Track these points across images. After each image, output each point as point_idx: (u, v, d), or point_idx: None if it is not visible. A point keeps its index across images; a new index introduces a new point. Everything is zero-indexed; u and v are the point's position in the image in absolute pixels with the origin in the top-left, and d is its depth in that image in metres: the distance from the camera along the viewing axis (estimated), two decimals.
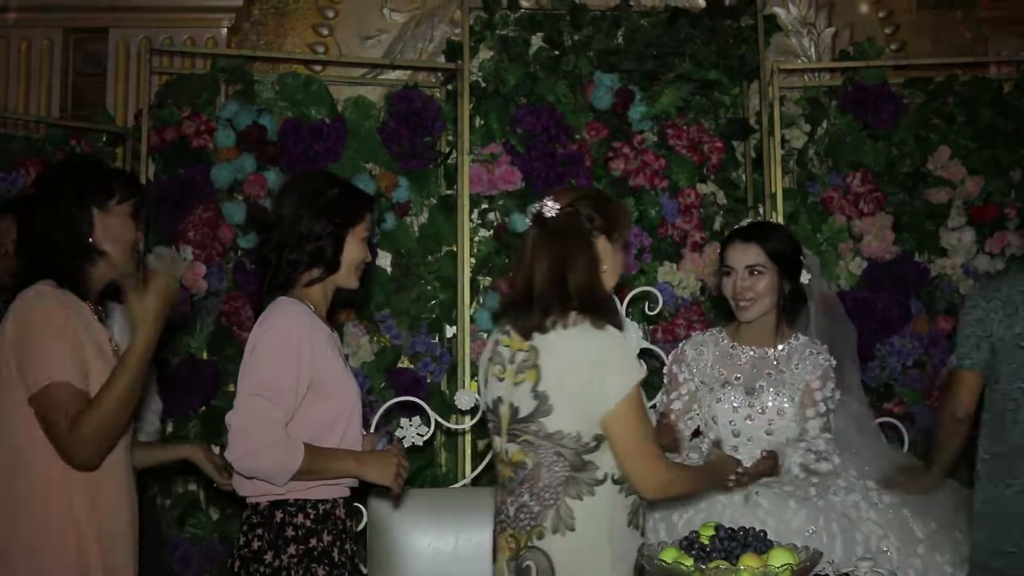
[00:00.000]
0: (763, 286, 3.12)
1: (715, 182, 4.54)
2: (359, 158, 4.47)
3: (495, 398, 2.58)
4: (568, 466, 2.45)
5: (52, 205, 2.55)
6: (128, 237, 2.60)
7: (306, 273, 2.67)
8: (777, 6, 5.11)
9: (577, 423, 2.44)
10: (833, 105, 4.59)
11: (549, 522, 2.45)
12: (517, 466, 2.50)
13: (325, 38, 5.12)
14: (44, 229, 2.54)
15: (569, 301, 2.47)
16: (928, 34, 5.22)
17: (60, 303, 2.46)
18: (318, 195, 2.69)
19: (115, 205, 2.58)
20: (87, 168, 2.74)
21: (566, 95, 4.49)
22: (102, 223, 2.56)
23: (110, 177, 2.64)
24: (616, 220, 2.60)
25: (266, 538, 2.58)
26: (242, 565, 2.59)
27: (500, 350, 2.59)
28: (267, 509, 2.60)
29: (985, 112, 4.50)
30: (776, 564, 2.00)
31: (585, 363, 2.44)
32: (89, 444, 2.39)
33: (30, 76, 5.05)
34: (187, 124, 4.35)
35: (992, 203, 4.45)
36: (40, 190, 2.63)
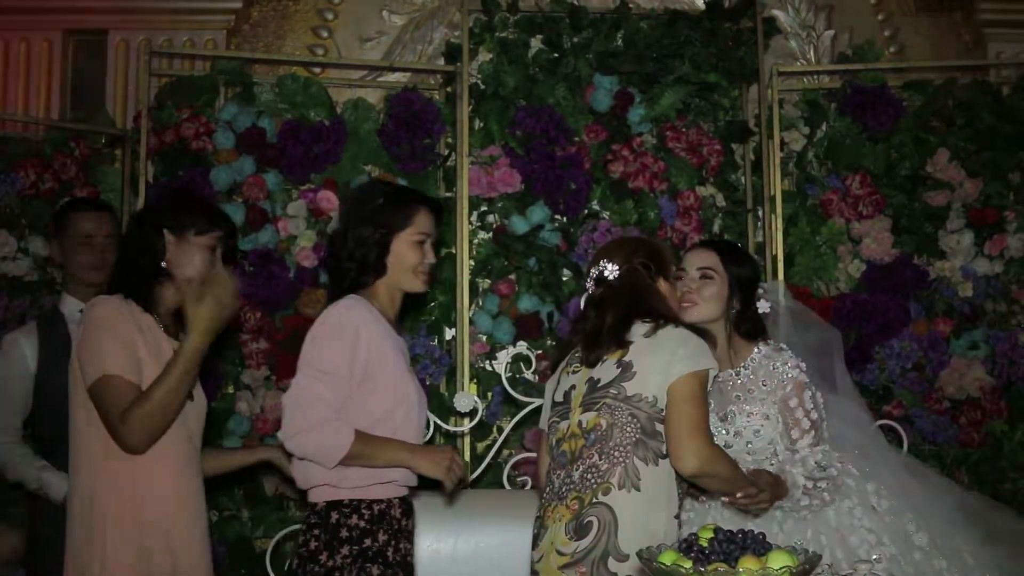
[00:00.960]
0: (711, 291, 3.06)
1: (714, 184, 4.55)
2: (358, 160, 4.47)
3: (567, 389, 2.76)
4: (640, 429, 2.62)
5: (139, 228, 2.83)
6: (198, 267, 2.77)
7: (362, 278, 2.82)
8: (776, 9, 5.11)
9: (655, 388, 2.64)
10: (832, 108, 4.59)
11: (616, 478, 2.60)
12: (590, 431, 2.65)
13: (324, 40, 5.12)
14: (127, 247, 2.84)
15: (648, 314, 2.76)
16: (927, 37, 5.22)
17: (119, 311, 2.69)
18: (363, 203, 2.86)
19: (193, 236, 2.79)
20: (181, 199, 3.09)
21: (565, 97, 4.50)
22: (176, 250, 2.78)
23: (196, 209, 2.85)
24: (664, 261, 2.89)
25: (322, 539, 2.68)
26: (299, 564, 2.70)
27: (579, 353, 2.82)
28: (324, 510, 2.71)
29: (984, 115, 4.50)
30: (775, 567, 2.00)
31: (670, 343, 2.67)
32: (137, 433, 2.58)
33: (29, 77, 5.04)
34: (186, 126, 4.35)
35: (991, 206, 4.45)
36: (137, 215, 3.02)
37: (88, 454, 2.66)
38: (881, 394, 4.33)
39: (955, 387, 4.31)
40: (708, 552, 2.08)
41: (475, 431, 4.12)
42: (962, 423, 4.31)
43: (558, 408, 2.78)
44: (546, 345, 4.36)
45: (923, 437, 4.32)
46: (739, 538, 2.10)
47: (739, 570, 2.01)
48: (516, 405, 3.98)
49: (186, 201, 2.98)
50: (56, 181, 4.43)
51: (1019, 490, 4.28)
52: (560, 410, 2.77)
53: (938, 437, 4.31)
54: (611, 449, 2.61)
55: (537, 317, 4.35)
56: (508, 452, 4.22)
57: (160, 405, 2.59)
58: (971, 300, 4.41)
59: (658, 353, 2.65)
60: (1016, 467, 4.37)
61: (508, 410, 4.25)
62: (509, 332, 4.33)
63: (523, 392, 3.93)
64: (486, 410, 4.17)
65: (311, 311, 4.28)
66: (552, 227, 4.39)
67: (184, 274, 2.76)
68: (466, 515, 3.44)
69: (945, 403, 4.33)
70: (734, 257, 3.14)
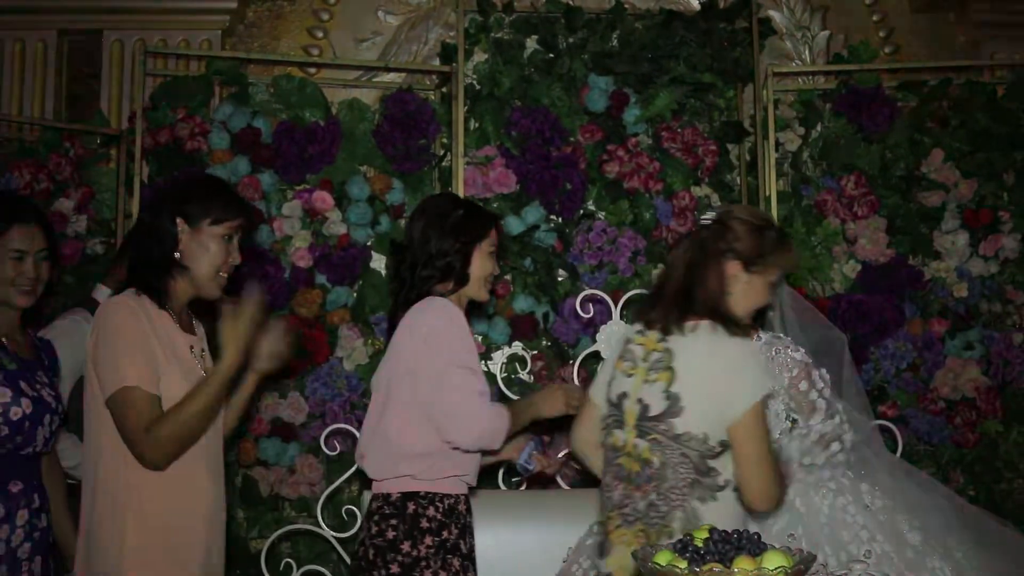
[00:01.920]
0: None
1: (709, 185, 4.55)
2: (353, 160, 4.47)
3: (620, 393, 2.65)
4: (693, 469, 2.50)
5: (153, 216, 2.66)
6: (215, 259, 2.64)
7: (439, 286, 2.86)
8: (772, 9, 5.11)
9: (706, 426, 2.49)
10: (827, 108, 4.60)
11: (677, 523, 2.49)
12: (646, 463, 2.55)
13: (320, 40, 5.11)
14: (140, 238, 2.70)
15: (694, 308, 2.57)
16: (922, 38, 5.23)
17: (133, 312, 2.55)
18: (444, 216, 2.90)
19: (208, 225, 2.63)
20: (195, 184, 2.83)
21: (561, 98, 4.49)
22: (190, 240, 2.62)
23: (212, 196, 2.68)
24: (762, 253, 2.67)
25: (401, 528, 2.72)
26: (377, 553, 2.72)
27: (632, 348, 2.67)
28: (399, 500, 2.75)
29: (979, 116, 4.52)
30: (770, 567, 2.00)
31: (719, 369, 2.51)
32: (162, 448, 2.49)
33: (24, 78, 5.03)
34: (181, 126, 4.34)
35: (986, 206, 4.46)
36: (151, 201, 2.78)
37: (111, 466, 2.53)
38: (876, 394, 4.33)
39: (950, 387, 4.32)
40: (703, 552, 2.08)
41: None
42: (957, 423, 4.32)
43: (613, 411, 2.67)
44: (541, 345, 4.36)
45: (918, 437, 4.32)
46: (734, 538, 2.10)
47: (734, 570, 2.01)
48: None
49: (201, 186, 2.77)
50: (51, 181, 4.43)
51: (1014, 490, 4.29)
52: (615, 415, 2.66)
53: (933, 437, 4.32)
54: (667, 491, 2.52)
55: (532, 317, 4.35)
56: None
57: (188, 427, 2.51)
58: (966, 300, 4.42)
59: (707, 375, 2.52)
60: (1011, 467, 4.38)
61: None
62: (504, 332, 4.33)
63: (518, 392, 3.93)
64: None
65: (306, 311, 4.28)
66: (547, 227, 4.39)
67: (199, 267, 2.63)
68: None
69: (940, 403, 4.34)
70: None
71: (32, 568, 2.70)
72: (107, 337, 2.52)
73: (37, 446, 2.73)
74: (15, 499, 2.67)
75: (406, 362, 2.78)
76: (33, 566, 2.72)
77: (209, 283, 2.66)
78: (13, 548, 2.65)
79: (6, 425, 2.64)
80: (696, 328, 2.55)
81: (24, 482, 2.70)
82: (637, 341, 2.66)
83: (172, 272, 2.62)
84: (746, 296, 2.67)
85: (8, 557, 2.65)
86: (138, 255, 2.67)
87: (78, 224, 4.43)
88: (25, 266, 2.73)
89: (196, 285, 2.65)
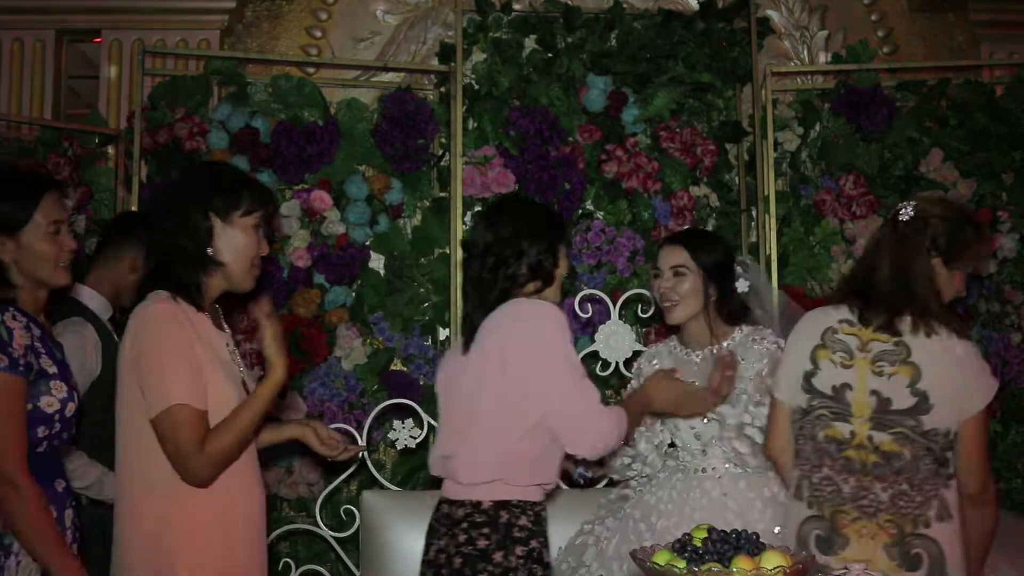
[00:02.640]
0: (686, 288, 3.10)
1: (708, 185, 4.55)
2: (352, 160, 4.47)
3: (838, 384, 2.67)
4: (934, 460, 2.60)
5: (179, 211, 2.51)
6: (248, 251, 2.56)
7: (523, 288, 2.77)
8: (770, 9, 5.11)
9: (950, 422, 2.61)
10: (826, 108, 4.60)
11: (934, 512, 2.59)
12: (890, 455, 2.61)
13: (318, 40, 5.11)
14: (170, 234, 2.51)
15: (910, 303, 2.63)
16: (921, 37, 5.23)
17: (176, 320, 2.43)
18: (533, 216, 2.84)
19: (239, 217, 2.54)
20: (217, 175, 2.66)
21: (559, 97, 4.50)
22: (222, 234, 2.52)
23: (239, 187, 2.57)
24: (962, 250, 2.72)
25: (493, 538, 2.63)
26: (465, 563, 2.63)
27: (842, 337, 2.69)
28: (492, 509, 2.66)
29: (978, 115, 4.51)
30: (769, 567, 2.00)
31: (962, 369, 2.62)
32: (211, 465, 2.41)
33: (23, 78, 5.04)
34: (180, 126, 4.34)
35: (984, 206, 4.47)
36: (170, 194, 2.58)
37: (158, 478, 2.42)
38: None
39: None
40: (702, 552, 2.08)
41: None
42: None
43: (827, 402, 2.67)
44: None
45: None
46: (733, 538, 2.10)
47: (733, 570, 2.01)
48: None
49: (225, 178, 2.64)
50: None
51: (1012, 489, 4.29)
52: (832, 406, 2.67)
53: None
54: (921, 481, 2.59)
55: None
56: None
57: (238, 443, 2.44)
58: (965, 301, 4.41)
59: (952, 374, 2.61)
60: (1009, 467, 4.38)
61: None
62: None
63: None
64: None
65: (304, 311, 4.28)
66: None
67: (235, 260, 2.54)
68: None
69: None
70: (702, 248, 3.15)
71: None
72: (151, 349, 2.40)
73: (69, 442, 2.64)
74: (61, 499, 2.53)
75: (511, 364, 2.64)
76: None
77: (245, 276, 2.59)
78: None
79: (60, 422, 2.49)
80: (925, 326, 2.63)
81: (65, 480, 2.58)
82: (846, 331, 2.69)
83: (207, 269, 2.52)
84: (946, 290, 2.73)
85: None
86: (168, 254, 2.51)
87: (77, 224, 4.43)
88: (63, 238, 2.57)
89: (231, 280, 2.57)
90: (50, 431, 2.46)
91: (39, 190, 2.55)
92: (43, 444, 2.47)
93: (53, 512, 2.44)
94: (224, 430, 2.41)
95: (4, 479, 2.34)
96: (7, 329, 2.39)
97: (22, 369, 2.38)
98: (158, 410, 2.37)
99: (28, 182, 2.59)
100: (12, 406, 2.37)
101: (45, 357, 2.47)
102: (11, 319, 2.41)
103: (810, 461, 2.68)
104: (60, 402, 2.47)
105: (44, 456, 2.48)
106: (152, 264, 2.55)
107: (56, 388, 2.47)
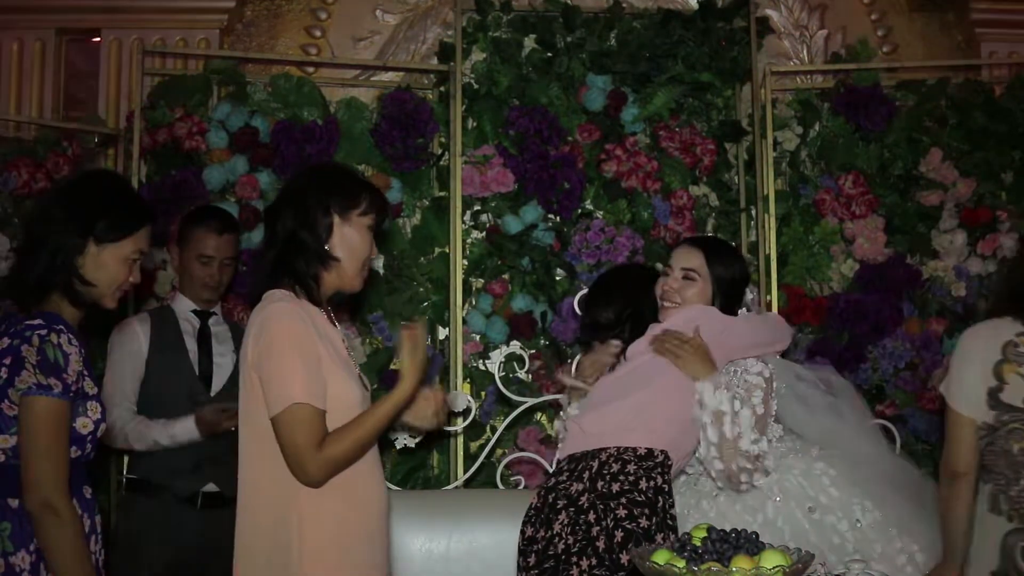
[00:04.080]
0: (691, 293, 3.04)
1: (707, 184, 4.55)
2: (351, 160, 4.47)
3: None
4: None
5: (300, 207, 2.54)
6: (362, 250, 2.59)
7: None
8: (769, 8, 5.10)
9: None
10: (825, 107, 4.60)
11: None
12: None
13: (317, 40, 5.11)
14: (291, 229, 2.54)
15: None
16: (920, 37, 5.22)
17: (299, 318, 2.46)
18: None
19: (357, 216, 2.57)
20: (338, 174, 2.72)
21: (559, 97, 4.50)
22: (340, 231, 2.55)
23: (359, 187, 2.62)
24: None
25: (655, 520, 2.75)
26: (626, 537, 2.72)
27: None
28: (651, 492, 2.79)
29: (977, 115, 4.51)
30: (768, 566, 2.00)
31: None
32: (326, 468, 2.41)
33: (22, 77, 5.03)
34: (179, 125, 4.35)
35: (984, 205, 4.47)
36: (290, 192, 2.62)
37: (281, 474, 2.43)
38: (874, 394, 4.34)
39: None
40: (701, 551, 2.08)
41: (468, 431, 4.11)
42: None
43: (1019, 415, 2.70)
44: (539, 345, 4.36)
45: (916, 436, 4.32)
46: (732, 537, 2.10)
47: (732, 569, 2.01)
48: (509, 404, 3.98)
49: (345, 176, 2.71)
50: (49, 181, 4.41)
51: None
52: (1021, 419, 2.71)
53: (931, 436, 4.32)
54: None
55: (530, 317, 4.35)
56: (501, 452, 4.22)
57: (357, 448, 2.45)
58: (964, 300, 4.42)
59: None
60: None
61: (501, 410, 4.25)
62: (502, 331, 4.33)
63: (516, 392, 3.93)
64: (479, 409, 4.17)
65: None
66: (545, 227, 4.39)
67: (350, 259, 2.56)
68: (459, 515, 3.43)
69: (938, 402, 4.33)
70: (720, 258, 3.09)
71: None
72: (274, 348, 2.42)
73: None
74: (90, 505, 2.56)
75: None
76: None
77: (356, 276, 2.61)
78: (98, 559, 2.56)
79: (91, 442, 2.51)
80: None
81: (91, 487, 2.62)
82: None
83: (327, 264, 2.55)
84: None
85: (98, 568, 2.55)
86: (288, 248, 2.54)
87: None
88: (134, 270, 2.62)
89: (343, 278, 2.59)
90: (81, 451, 2.49)
91: (141, 220, 2.59)
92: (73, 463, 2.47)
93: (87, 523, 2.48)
94: (345, 436, 2.43)
95: (45, 504, 2.36)
96: (63, 354, 2.40)
97: (72, 395, 2.41)
98: (279, 408, 2.39)
99: (136, 208, 2.63)
100: (59, 433, 2.39)
101: (88, 380, 2.49)
102: (67, 343, 2.42)
103: (1005, 475, 2.69)
104: (94, 423, 2.50)
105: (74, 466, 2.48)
106: (271, 258, 2.57)
107: (92, 409, 2.49)
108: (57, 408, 2.37)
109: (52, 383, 2.35)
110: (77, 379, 2.42)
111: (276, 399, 2.40)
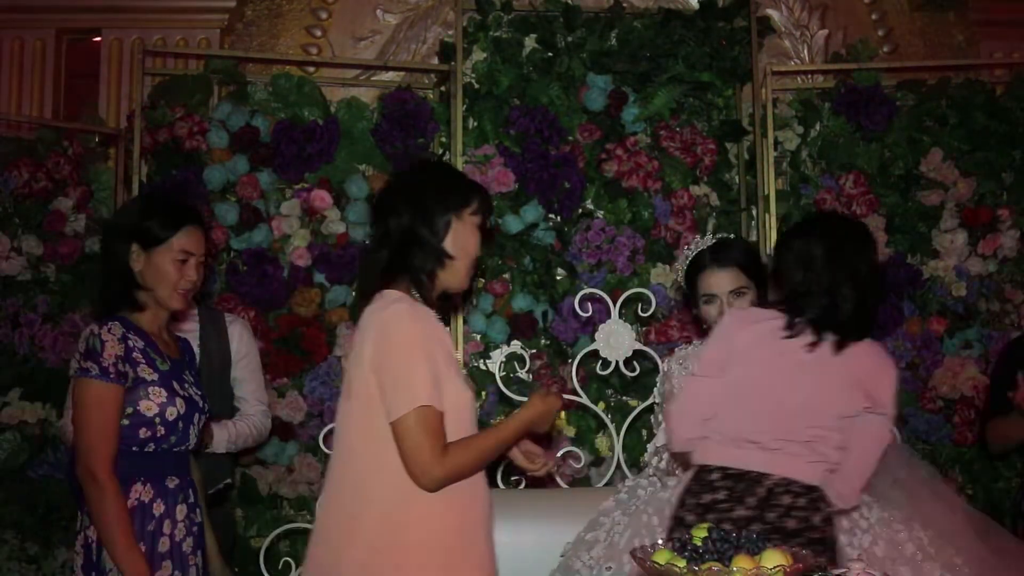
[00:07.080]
0: (746, 303, 3.16)
1: (708, 184, 4.55)
2: (352, 159, 4.47)
3: None
4: None
5: (419, 204, 2.52)
6: (473, 248, 2.58)
7: None
8: (770, 8, 5.10)
9: None
10: (826, 107, 4.60)
11: None
12: None
13: (318, 39, 5.11)
14: (408, 226, 2.51)
15: None
16: (921, 36, 5.22)
17: (417, 319, 2.43)
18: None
19: (469, 215, 2.56)
20: (451, 172, 2.76)
21: (559, 97, 4.49)
22: (455, 230, 2.53)
23: (469, 186, 2.61)
24: None
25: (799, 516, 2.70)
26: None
27: None
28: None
29: (978, 114, 4.51)
30: (769, 566, 2.00)
31: None
32: (447, 474, 2.38)
33: (22, 77, 5.04)
34: (180, 125, 4.35)
35: (985, 205, 4.46)
36: (404, 188, 2.58)
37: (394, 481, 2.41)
38: None
39: (948, 386, 4.31)
40: (702, 551, 2.08)
41: None
42: (956, 422, 4.32)
43: None
44: (540, 344, 4.36)
45: (917, 436, 4.32)
46: (733, 537, 2.10)
47: (733, 569, 2.01)
48: (510, 404, 3.98)
49: (458, 175, 2.72)
50: (49, 180, 4.42)
51: (1012, 489, 4.28)
52: None
53: (932, 436, 4.32)
54: None
55: (531, 316, 4.35)
56: None
57: (478, 461, 2.46)
58: (964, 299, 4.41)
59: None
60: (1009, 466, 4.38)
61: (502, 409, 4.25)
62: (503, 331, 4.33)
63: (517, 391, 3.92)
64: (480, 409, 4.17)
65: (304, 310, 4.28)
66: (546, 226, 4.39)
67: (462, 256, 2.54)
68: None
69: (939, 402, 4.34)
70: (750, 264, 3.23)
71: (197, 563, 2.77)
72: (396, 351, 2.39)
73: (189, 444, 2.80)
74: (173, 494, 2.74)
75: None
76: (197, 560, 2.77)
77: (465, 276, 2.59)
78: (178, 543, 2.72)
79: (163, 425, 2.70)
80: None
81: (179, 478, 2.77)
82: None
83: (443, 263, 2.52)
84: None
85: (176, 552, 2.71)
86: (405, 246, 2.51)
87: (77, 223, 4.43)
88: (188, 269, 2.78)
89: (454, 276, 2.56)
90: (153, 433, 2.69)
91: (183, 220, 2.80)
92: (149, 444, 2.70)
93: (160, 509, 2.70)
94: (470, 447, 2.44)
95: (89, 475, 2.59)
96: (100, 341, 2.64)
97: (113, 377, 2.62)
98: (405, 410, 2.36)
99: (177, 210, 2.84)
100: (101, 410, 2.62)
101: (144, 366, 2.70)
102: (106, 332, 2.66)
103: None
104: (159, 406, 2.69)
105: (155, 456, 2.72)
106: (385, 256, 2.53)
107: (155, 394, 2.69)
108: (96, 387, 2.62)
109: (89, 366, 2.61)
110: (117, 363, 2.62)
111: (401, 401, 2.37)
